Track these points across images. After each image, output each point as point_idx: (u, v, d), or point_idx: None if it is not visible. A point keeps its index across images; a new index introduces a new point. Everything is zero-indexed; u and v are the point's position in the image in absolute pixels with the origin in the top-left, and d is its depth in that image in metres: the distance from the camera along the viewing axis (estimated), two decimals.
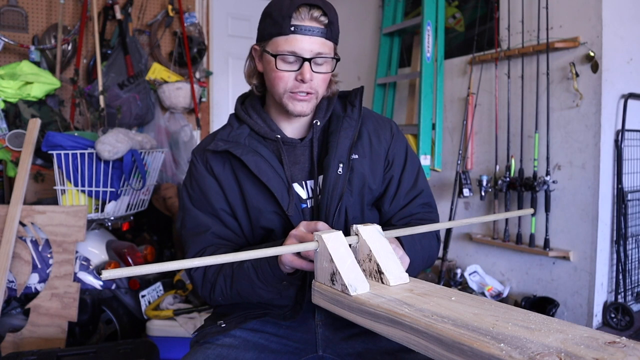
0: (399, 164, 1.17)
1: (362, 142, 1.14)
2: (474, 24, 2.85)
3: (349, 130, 1.12)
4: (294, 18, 1.00)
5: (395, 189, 1.15)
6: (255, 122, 1.14)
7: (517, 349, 0.54)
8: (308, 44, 1.02)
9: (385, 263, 0.81)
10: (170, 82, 3.20)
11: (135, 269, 0.68)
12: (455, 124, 3.00)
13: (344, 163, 1.08)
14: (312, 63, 1.03)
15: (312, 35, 1.02)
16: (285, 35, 1.02)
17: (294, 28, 1.01)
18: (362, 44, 3.67)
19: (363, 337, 1.08)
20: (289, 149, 1.13)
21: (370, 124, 1.17)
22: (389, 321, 0.68)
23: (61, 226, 2.04)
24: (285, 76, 1.05)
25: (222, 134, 1.13)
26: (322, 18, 1.02)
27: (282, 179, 1.07)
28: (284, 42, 1.02)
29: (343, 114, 1.15)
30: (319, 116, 1.14)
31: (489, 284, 2.70)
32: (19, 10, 2.91)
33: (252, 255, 0.76)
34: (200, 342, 1.08)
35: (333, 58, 1.07)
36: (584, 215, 2.38)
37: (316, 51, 1.03)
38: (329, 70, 1.08)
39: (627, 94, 2.38)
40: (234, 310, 1.12)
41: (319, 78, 1.06)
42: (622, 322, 2.33)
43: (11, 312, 2.11)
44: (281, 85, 1.06)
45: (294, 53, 1.02)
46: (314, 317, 1.10)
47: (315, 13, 1.01)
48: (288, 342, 1.09)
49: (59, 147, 2.09)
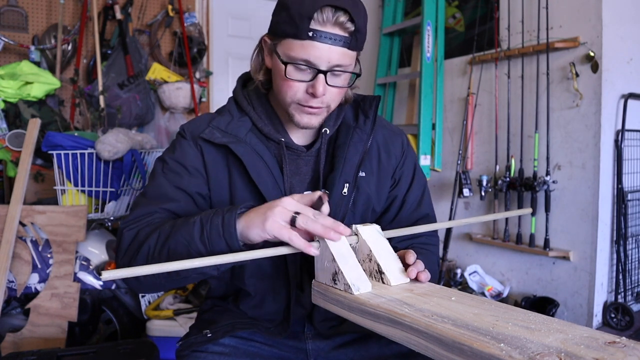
0: (405, 183, 1.07)
1: (371, 157, 1.03)
2: (474, 24, 2.85)
3: (359, 144, 1.00)
4: (314, 20, 0.84)
5: (397, 209, 1.06)
6: (260, 117, 1.01)
7: (517, 349, 0.54)
8: (327, 53, 0.86)
9: (385, 263, 0.81)
10: (170, 82, 3.20)
11: (135, 270, 0.67)
12: (455, 124, 3.00)
13: (350, 182, 0.98)
14: (327, 75, 0.89)
15: (332, 45, 0.86)
16: (300, 39, 0.86)
17: (313, 33, 0.85)
18: None
19: (355, 345, 1.05)
20: (291, 156, 1.01)
21: (380, 135, 1.06)
22: (389, 321, 0.68)
23: (61, 226, 2.04)
24: (295, 86, 0.90)
25: (219, 122, 0.99)
26: (349, 24, 0.86)
27: (281, 190, 0.97)
28: (298, 48, 0.87)
29: (354, 124, 1.03)
30: (329, 124, 1.02)
31: (489, 284, 2.70)
32: (19, 10, 2.91)
33: (252, 256, 0.75)
34: (187, 353, 1.02)
35: (353, 72, 0.93)
36: (584, 215, 2.38)
37: (334, 63, 0.88)
38: (347, 83, 0.94)
39: (627, 94, 2.39)
40: (220, 319, 1.05)
41: (333, 92, 0.92)
42: (622, 322, 2.33)
43: (11, 312, 2.11)
44: (289, 95, 0.92)
45: (309, 63, 0.87)
46: (303, 331, 1.06)
47: (342, 18, 0.85)
48: (279, 352, 1.05)
49: (59, 147, 2.09)
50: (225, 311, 1.09)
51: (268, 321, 1.05)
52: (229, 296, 1.11)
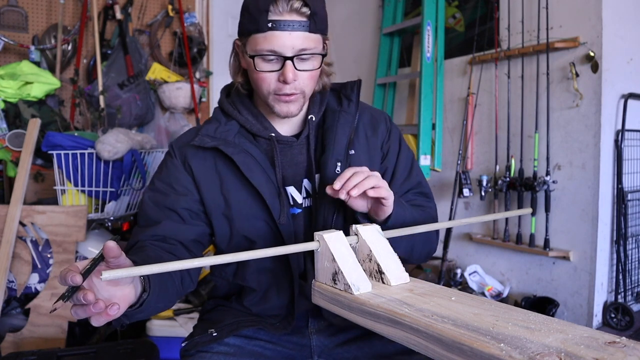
0: (393, 155, 1.11)
1: (359, 136, 1.07)
2: (474, 24, 2.85)
3: (346, 126, 1.05)
4: (271, 12, 0.90)
5: (389, 179, 1.09)
6: (246, 118, 1.05)
7: (517, 349, 0.54)
8: (289, 40, 0.91)
9: (385, 263, 0.81)
10: (170, 82, 3.20)
11: (135, 270, 0.67)
12: (455, 124, 3.00)
13: (341, 161, 1.02)
14: (295, 61, 0.94)
15: (292, 31, 0.91)
16: (262, 32, 0.92)
17: (272, 24, 0.90)
18: (362, 44, 3.67)
19: (358, 342, 1.06)
20: (284, 148, 1.05)
21: (365, 117, 1.11)
22: (389, 321, 0.68)
23: (61, 226, 2.04)
24: (267, 77, 0.95)
25: (207, 129, 1.03)
26: (304, 9, 0.91)
27: (273, 182, 1.00)
28: (262, 40, 0.92)
29: (339, 108, 1.08)
30: (313, 111, 1.07)
31: (489, 284, 2.70)
32: (19, 10, 2.91)
33: (252, 256, 0.75)
34: (193, 352, 1.03)
35: (319, 54, 0.97)
36: (584, 215, 2.38)
37: (299, 47, 0.93)
38: (316, 66, 0.98)
39: (627, 94, 2.39)
40: (224, 318, 1.07)
41: (305, 76, 0.97)
42: (622, 322, 2.33)
43: (11, 312, 2.11)
44: (264, 87, 0.97)
45: (274, 52, 0.93)
46: (307, 325, 1.08)
47: (296, 4, 0.90)
48: (283, 350, 1.06)
49: (59, 147, 2.09)
50: (229, 310, 1.10)
51: (272, 317, 1.06)
52: (232, 295, 1.12)
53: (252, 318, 1.06)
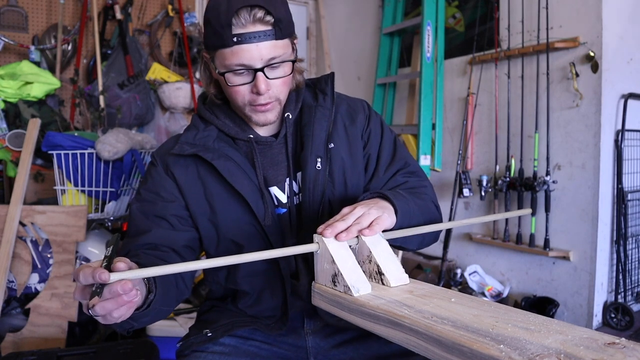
0: (375, 140, 1.09)
1: (337, 129, 1.05)
2: (474, 24, 2.85)
3: (323, 120, 1.04)
4: (234, 25, 0.88)
5: (374, 165, 1.08)
6: (224, 122, 1.04)
7: (516, 350, 0.54)
8: (256, 52, 0.90)
9: (385, 264, 0.81)
10: (170, 82, 3.20)
11: (142, 271, 0.68)
12: (455, 124, 3.00)
13: (322, 157, 1.00)
14: (266, 70, 0.92)
15: (259, 42, 0.89)
16: (229, 47, 0.90)
17: (237, 38, 0.88)
18: (362, 44, 3.67)
19: (355, 344, 1.05)
20: (264, 149, 1.04)
21: (342, 108, 1.09)
22: (388, 323, 0.68)
23: (61, 226, 2.04)
24: (241, 90, 0.95)
25: (186, 137, 1.02)
26: (267, 17, 0.89)
27: (255, 184, 0.99)
28: (230, 55, 0.90)
29: (314, 103, 1.06)
30: (290, 109, 1.05)
31: (489, 284, 2.70)
32: (19, 10, 2.91)
33: (252, 258, 0.76)
34: (187, 352, 1.03)
35: (289, 60, 0.96)
36: (584, 215, 2.38)
37: (267, 57, 0.91)
38: (287, 72, 0.96)
39: (627, 94, 2.38)
40: (219, 319, 1.06)
41: (277, 84, 0.96)
42: (622, 322, 2.34)
43: (11, 312, 2.11)
44: (239, 100, 0.96)
45: (243, 65, 0.91)
46: (303, 326, 1.07)
47: (259, 14, 0.88)
48: (279, 350, 1.06)
49: (59, 147, 2.09)
50: (224, 311, 1.10)
51: (267, 318, 1.05)
52: (227, 297, 1.12)
53: (247, 319, 1.05)
